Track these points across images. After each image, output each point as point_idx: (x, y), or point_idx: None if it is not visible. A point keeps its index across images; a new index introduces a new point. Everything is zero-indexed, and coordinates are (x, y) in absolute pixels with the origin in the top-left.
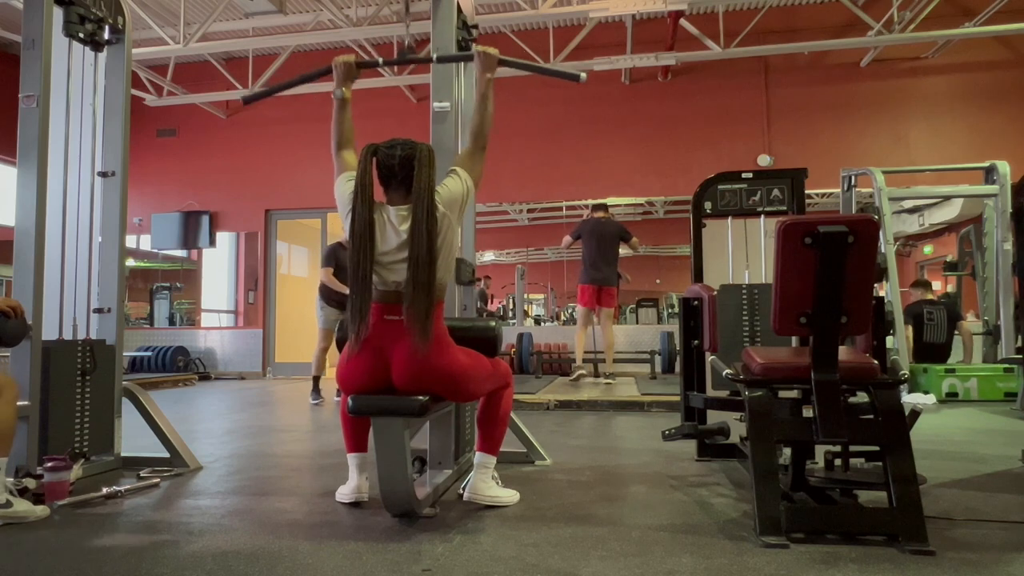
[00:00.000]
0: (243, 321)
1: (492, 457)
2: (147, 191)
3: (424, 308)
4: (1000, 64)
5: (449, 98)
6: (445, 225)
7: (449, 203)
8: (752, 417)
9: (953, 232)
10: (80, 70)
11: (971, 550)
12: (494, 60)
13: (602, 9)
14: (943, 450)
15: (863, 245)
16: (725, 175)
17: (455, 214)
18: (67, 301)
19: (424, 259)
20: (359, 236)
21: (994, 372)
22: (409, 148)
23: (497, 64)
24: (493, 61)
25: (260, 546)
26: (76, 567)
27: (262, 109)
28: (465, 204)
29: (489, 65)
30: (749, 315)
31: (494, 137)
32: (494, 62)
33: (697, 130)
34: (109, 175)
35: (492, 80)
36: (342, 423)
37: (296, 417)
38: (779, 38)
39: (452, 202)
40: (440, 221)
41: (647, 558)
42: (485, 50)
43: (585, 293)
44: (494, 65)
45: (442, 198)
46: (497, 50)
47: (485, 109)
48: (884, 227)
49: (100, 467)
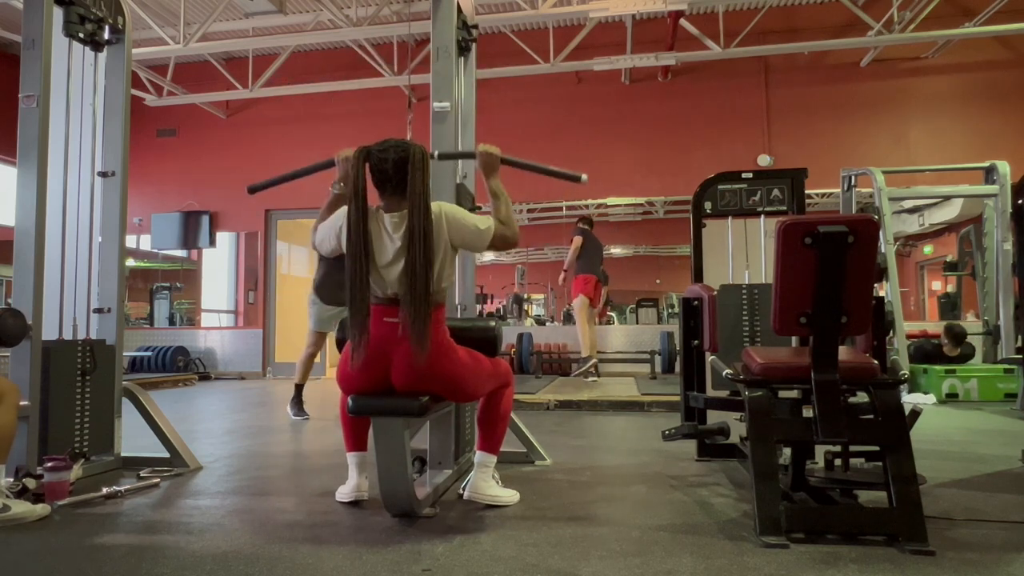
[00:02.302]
0: (243, 321)
1: (493, 456)
2: (147, 191)
3: (422, 316)
4: (1000, 64)
5: (449, 98)
6: (441, 230)
7: (459, 221)
8: (752, 417)
9: (953, 232)
10: (80, 70)
11: (971, 550)
12: (496, 160)
13: (602, 9)
14: (943, 450)
15: (863, 245)
16: (725, 175)
17: (457, 235)
18: (67, 301)
19: (421, 266)
20: (355, 245)
21: (994, 372)
22: (402, 151)
23: (500, 164)
24: (495, 161)
25: (260, 546)
26: (76, 567)
27: (262, 109)
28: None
29: (491, 166)
30: (749, 315)
31: (494, 136)
32: (496, 162)
33: (697, 130)
34: (109, 175)
35: (498, 183)
36: (342, 422)
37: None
38: (779, 38)
39: (463, 223)
40: (435, 224)
41: (647, 558)
42: (486, 149)
43: (589, 283)
44: (496, 165)
45: (455, 216)
46: (498, 148)
47: (500, 211)
48: (884, 227)
49: (100, 467)
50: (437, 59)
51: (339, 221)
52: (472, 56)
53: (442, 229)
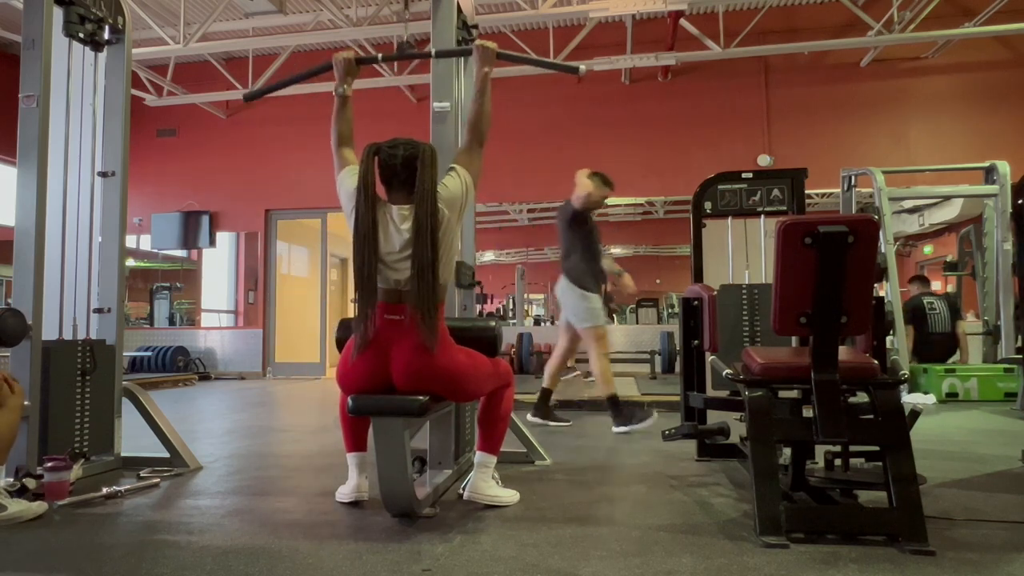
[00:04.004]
0: (243, 321)
1: (493, 457)
2: (147, 191)
3: (430, 306)
4: (1000, 64)
5: (449, 98)
6: (446, 224)
7: (450, 202)
8: (752, 417)
9: (953, 232)
10: (80, 70)
11: (971, 550)
12: (492, 54)
13: (602, 9)
14: (943, 450)
15: (863, 245)
16: (725, 175)
17: (455, 213)
18: (67, 301)
19: (428, 259)
20: (363, 236)
21: (994, 372)
22: (411, 148)
23: (496, 58)
24: (492, 55)
25: (260, 546)
26: (76, 567)
27: (262, 109)
28: (466, 202)
29: (488, 59)
30: (749, 315)
31: (494, 137)
32: (492, 55)
33: (697, 130)
34: (109, 175)
35: (490, 74)
36: (341, 422)
37: (296, 417)
38: (779, 38)
39: (452, 200)
40: (442, 221)
41: (647, 558)
42: (484, 44)
43: None
44: (493, 59)
45: (442, 198)
46: (496, 44)
47: (483, 104)
48: (884, 227)
49: (100, 467)
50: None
51: (351, 199)
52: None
53: (446, 219)
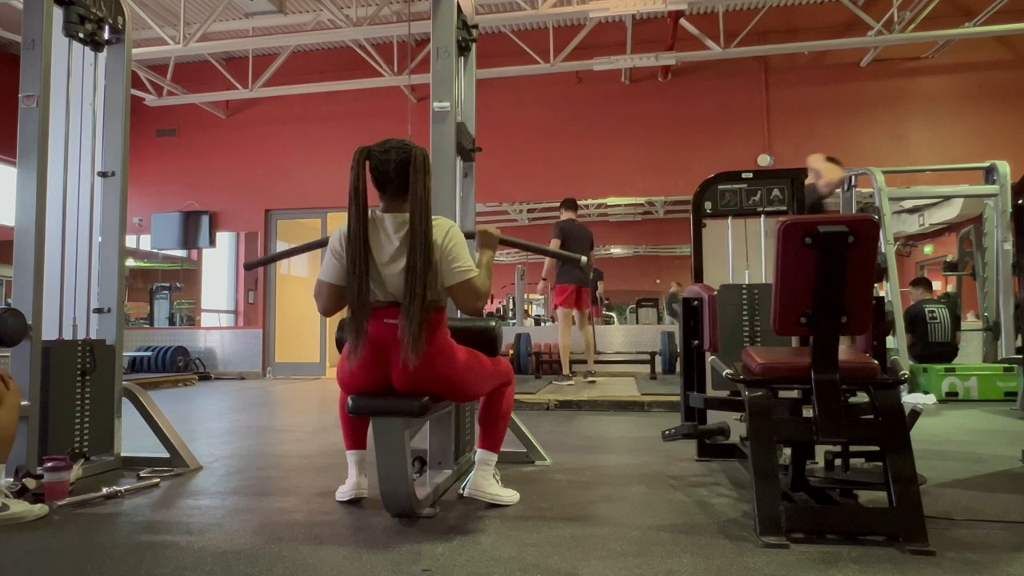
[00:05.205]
0: (243, 321)
1: (493, 455)
2: (147, 191)
3: (417, 320)
4: (1000, 64)
5: (449, 98)
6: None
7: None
8: (752, 417)
9: (953, 232)
10: (80, 70)
11: (971, 550)
12: (495, 240)
13: (602, 9)
14: (943, 450)
15: (863, 245)
16: (725, 175)
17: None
18: (67, 301)
19: (421, 269)
20: (355, 245)
21: (994, 372)
22: (404, 152)
23: (498, 244)
24: (494, 241)
25: (260, 546)
26: (76, 567)
27: (262, 109)
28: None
29: (490, 243)
30: (749, 315)
31: (495, 136)
32: (495, 242)
33: (697, 130)
34: (109, 175)
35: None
36: (341, 422)
37: (296, 417)
38: (779, 38)
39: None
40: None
41: (647, 558)
42: (487, 229)
43: (565, 293)
44: (495, 243)
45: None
46: (499, 230)
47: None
48: (884, 227)
49: (100, 467)
50: (437, 59)
51: (334, 240)
52: (472, 56)
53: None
